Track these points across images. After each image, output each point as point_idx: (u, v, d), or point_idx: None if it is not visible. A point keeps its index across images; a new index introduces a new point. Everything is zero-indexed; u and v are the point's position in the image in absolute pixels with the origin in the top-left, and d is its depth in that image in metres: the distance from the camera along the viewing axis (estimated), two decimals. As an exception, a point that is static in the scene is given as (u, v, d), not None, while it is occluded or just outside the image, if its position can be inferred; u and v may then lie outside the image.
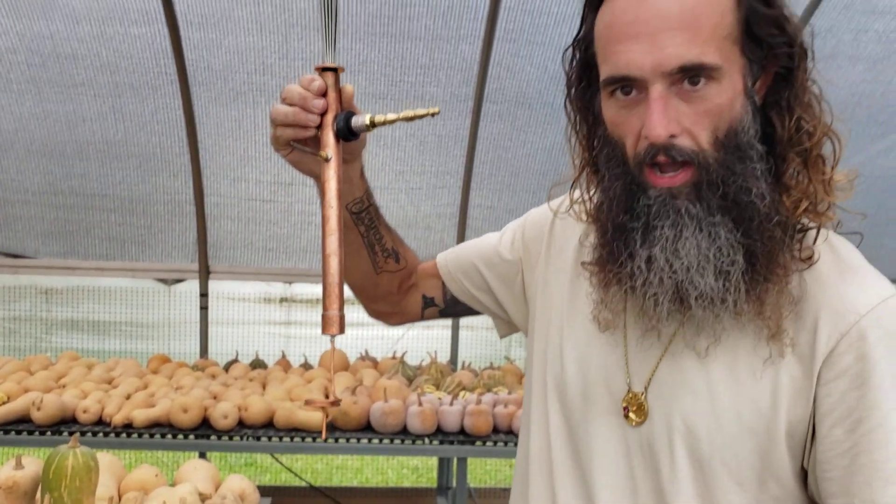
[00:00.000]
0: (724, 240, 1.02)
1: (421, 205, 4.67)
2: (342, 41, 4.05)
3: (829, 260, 1.08)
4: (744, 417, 1.06)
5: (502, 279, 1.38)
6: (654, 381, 1.12)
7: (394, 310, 1.48)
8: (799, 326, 1.05)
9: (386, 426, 3.36)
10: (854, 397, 1.01)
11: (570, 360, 1.21)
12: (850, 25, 3.94)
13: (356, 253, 1.36)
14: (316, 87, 1.14)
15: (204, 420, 3.34)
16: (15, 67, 4.14)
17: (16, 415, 3.27)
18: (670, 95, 1.01)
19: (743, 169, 1.02)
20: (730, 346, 1.08)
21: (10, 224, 4.60)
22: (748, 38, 1.03)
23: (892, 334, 1.02)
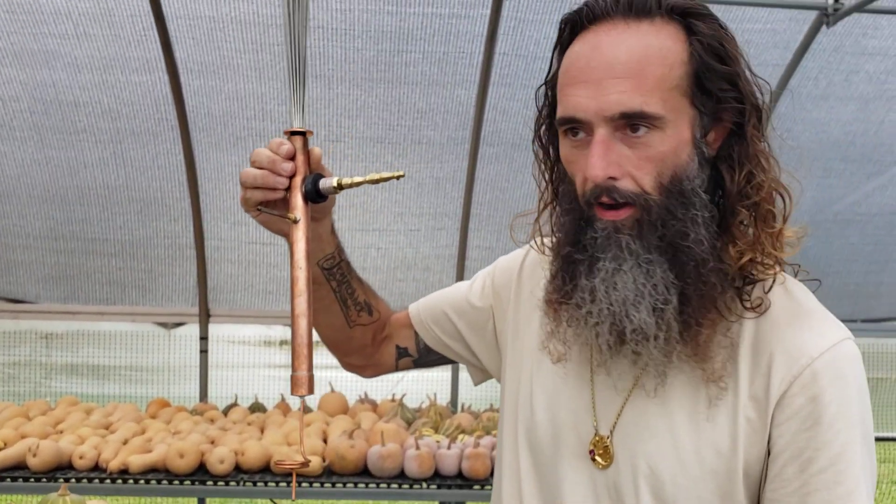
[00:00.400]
0: (660, 278, 1.05)
1: (420, 246, 4.69)
2: (341, 87, 4.11)
3: (785, 305, 1.11)
4: (706, 460, 1.09)
5: (473, 327, 1.40)
6: (619, 424, 1.15)
7: (368, 362, 1.50)
8: (755, 371, 1.09)
9: (383, 470, 3.35)
10: (805, 438, 1.05)
11: (540, 404, 1.23)
12: (841, 67, 3.99)
13: (328, 308, 1.38)
14: (284, 150, 1.17)
15: (200, 465, 3.34)
16: (18, 115, 4.20)
17: (12, 461, 3.27)
18: (613, 140, 1.05)
19: (684, 214, 1.05)
20: (690, 391, 1.11)
21: (11, 269, 4.63)
22: (699, 91, 1.06)
23: (842, 377, 1.05)
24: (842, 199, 4.60)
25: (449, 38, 3.88)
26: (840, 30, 3.78)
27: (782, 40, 3.87)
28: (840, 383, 1.05)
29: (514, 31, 3.85)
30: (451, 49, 3.94)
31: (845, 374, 1.06)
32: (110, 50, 3.95)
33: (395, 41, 3.89)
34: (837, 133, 4.30)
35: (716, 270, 1.06)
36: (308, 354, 1.15)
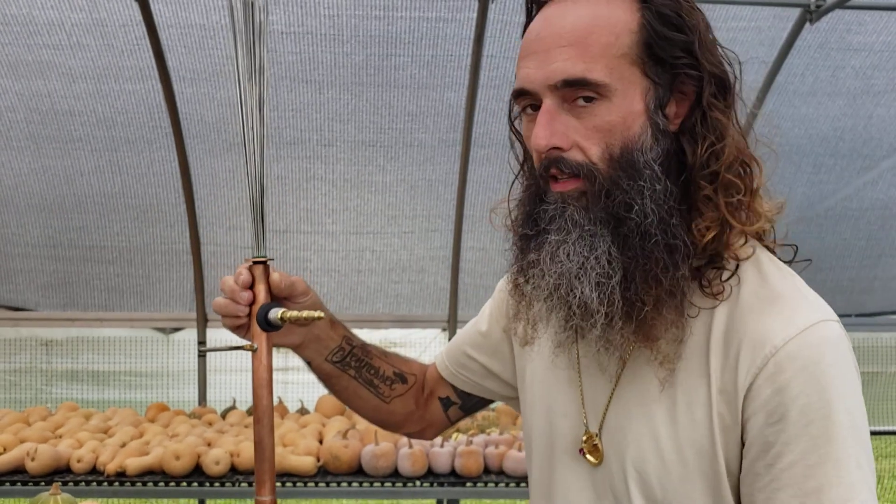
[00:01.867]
0: (603, 251, 1.02)
1: (414, 248, 4.73)
2: (331, 91, 4.16)
3: (755, 290, 1.06)
4: (688, 460, 1.06)
5: (492, 355, 1.38)
6: (606, 422, 1.14)
7: (422, 425, 1.49)
8: (724, 364, 1.04)
9: (377, 469, 3.38)
10: (772, 432, 1.00)
11: (538, 408, 1.24)
12: (827, 63, 4.02)
13: (356, 394, 1.40)
14: (241, 281, 1.20)
15: (197, 467, 3.37)
16: (14, 125, 4.26)
17: (10, 465, 3.31)
18: (560, 110, 1.04)
19: (630, 186, 1.02)
20: (668, 391, 1.07)
21: (11, 277, 4.69)
22: (651, 60, 1.03)
23: (811, 365, 0.99)
24: (833, 195, 4.62)
25: (437, 42, 3.92)
26: (824, 26, 3.81)
27: (767, 38, 3.90)
28: (808, 372, 0.98)
29: (500, 33, 3.89)
30: (440, 52, 3.98)
31: (816, 360, 0.99)
32: (104, 59, 4.01)
33: (384, 45, 3.93)
34: (826, 129, 4.33)
35: (665, 247, 1.02)
36: (271, 479, 1.18)
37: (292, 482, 3.37)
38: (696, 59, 1.04)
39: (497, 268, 4.86)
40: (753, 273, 1.07)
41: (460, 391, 1.44)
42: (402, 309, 4.91)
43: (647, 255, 1.02)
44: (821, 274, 4.88)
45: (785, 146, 4.42)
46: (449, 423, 1.48)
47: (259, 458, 1.18)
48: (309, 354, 1.35)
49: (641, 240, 1.02)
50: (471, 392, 1.43)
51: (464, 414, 1.47)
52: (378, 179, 4.49)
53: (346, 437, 3.53)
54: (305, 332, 1.30)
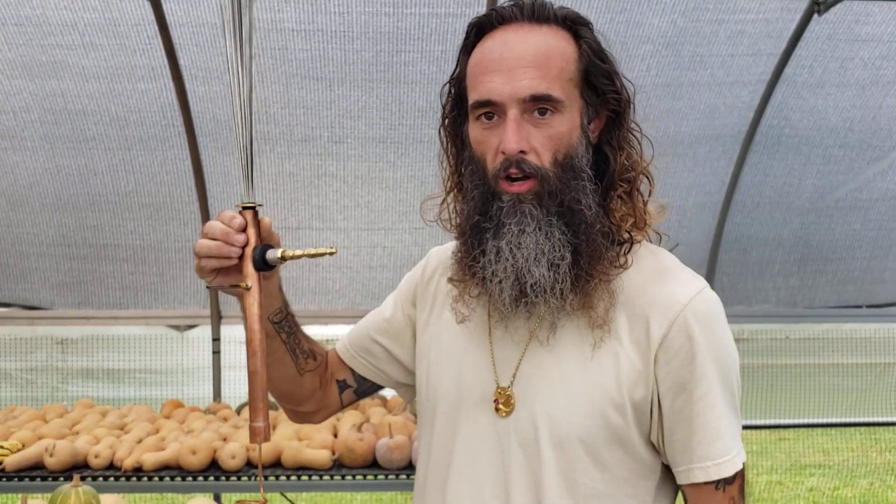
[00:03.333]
0: (557, 239, 1.25)
1: (425, 244, 4.76)
2: (342, 88, 4.18)
3: (651, 264, 1.33)
4: (595, 400, 1.27)
5: (395, 338, 1.54)
6: (518, 375, 1.32)
7: (319, 406, 1.59)
8: (632, 319, 1.28)
9: (392, 462, 3.41)
10: (687, 372, 1.26)
11: (446, 374, 1.39)
12: (836, 54, 4.02)
13: (281, 360, 1.47)
14: (237, 223, 1.29)
15: (213, 461, 3.41)
16: (29, 125, 4.30)
17: (29, 461, 3.35)
18: (523, 120, 1.26)
19: (576, 185, 1.26)
20: (577, 339, 1.29)
21: (26, 276, 4.73)
22: (586, 85, 1.29)
23: (707, 319, 1.27)
24: (843, 186, 4.63)
25: (446, 37, 3.94)
26: (832, 18, 3.81)
27: (775, 30, 3.91)
28: (704, 324, 1.26)
29: (510, 29, 3.91)
30: (449, 48, 4.00)
31: (709, 315, 1.28)
32: (116, 59, 4.04)
33: (394, 42, 3.96)
34: (835, 120, 4.33)
35: (602, 231, 1.28)
36: (264, 407, 1.28)
37: (308, 475, 3.40)
38: (616, 87, 1.31)
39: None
40: (645, 251, 1.35)
41: (357, 375, 1.58)
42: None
43: (592, 238, 1.26)
44: (831, 265, 4.89)
45: (794, 138, 4.43)
46: (341, 406, 1.62)
47: (253, 388, 1.28)
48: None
49: (587, 228, 1.26)
50: (368, 377, 1.58)
51: (356, 398, 1.62)
52: (389, 176, 4.52)
53: (360, 430, 3.56)
54: (263, 285, 1.36)
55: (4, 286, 4.79)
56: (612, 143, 1.32)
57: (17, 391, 4.90)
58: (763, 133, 4.35)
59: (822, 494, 7.26)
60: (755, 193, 4.64)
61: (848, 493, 7.31)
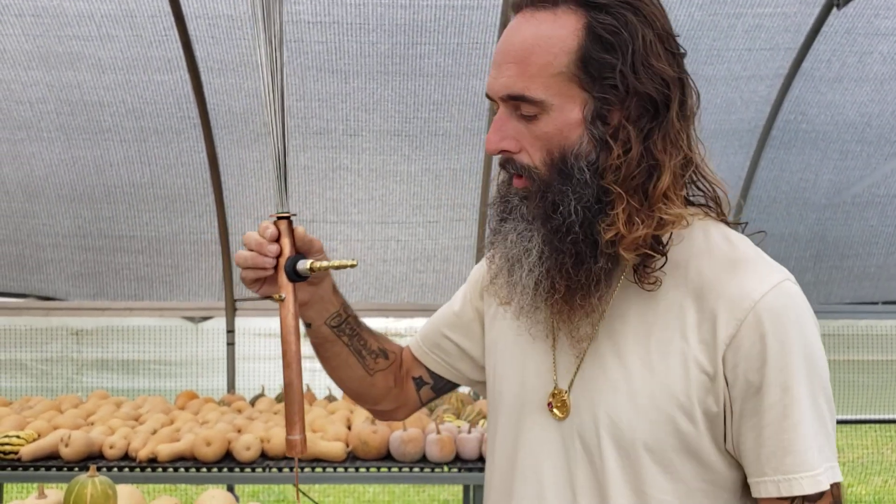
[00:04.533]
0: (535, 244, 1.17)
1: (439, 238, 4.76)
2: (357, 80, 4.18)
3: (727, 254, 1.19)
4: (661, 404, 1.16)
5: (466, 334, 1.48)
6: (578, 378, 1.24)
7: (397, 404, 1.56)
8: (701, 316, 1.16)
9: (405, 455, 3.42)
10: (757, 376, 1.13)
11: (509, 372, 1.33)
12: (854, 48, 3.99)
13: (346, 362, 1.46)
14: (269, 234, 1.28)
15: (227, 453, 3.42)
16: (45, 116, 4.31)
17: (45, 451, 3.37)
18: (512, 117, 1.19)
19: (561, 189, 1.15)
20: (642, 340, 1.19)
21: (42, 267, 4.76)
22: (588, 76, 1.14)
23: (783, 315, 1.13)
24: (860, 182, 4.60)
25: (462, 30, 3.93)
26: (851, 11, 3.78)
27: (793, 24, 3.88)
28: (778, 322, 1.12)
29: (526, 21, 3.89)
30: (465, 40, 3.99)
31: (786, 312, 1.13)
32: (132, 50, 4.05)
33: (409, 34, 3.95)
34: (853, 115, 4.30)
35: (585, 241, 1.15)
36: (300, 420, 1.27)
37: (322, 468, 3.40)
38: (625, 80, 1.13)
39: (522, 256, 4.87)
40: (720, 238, 1.21)
41: (432, 372, 1.52)
42: (426, 298, 4.94)
43: (567, 249, 1.16)
44: (847, 261, 4.86)
45: (811, 133, 4.40)
46: (420, 403, 1.56)
47: (289, 401, 1.27)
48: (311, 315, 1.41)
49: (565, 235, 1.15)
50: (442, 374, 1.52)
51: (434, 395, 1.56)
52: (403, 169, 4.51)
53: (374, 422, 3.57)
54: (313, 291, 1.37)
55: (20, 277, 4.81)
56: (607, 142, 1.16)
57: (32, 381, 4.93)
58: (780, 128, 4.33)
59: (835, 491, 7.22)
60: (771, 189, 4.61)
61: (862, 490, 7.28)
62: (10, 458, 3.37)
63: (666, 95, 1.15)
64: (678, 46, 1.19)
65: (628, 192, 1.14)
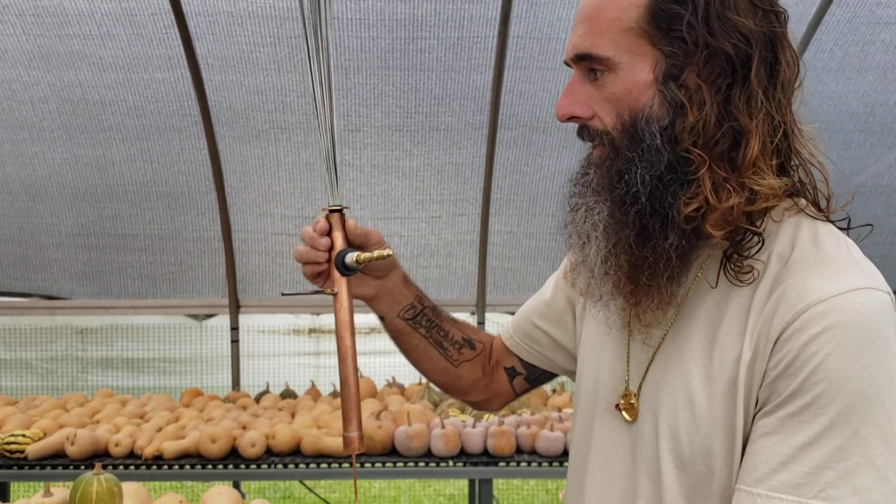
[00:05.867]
0: (602, 216, 1.08)
1: (442, 233, 4.75)
2: (357, 76, 4.17)
3: (806, 255, 1.04)
4: (718, 415, 1.05)
5: (557, 323, 1.40)
6: (646, 380, 1.15)
7: (488, 394, 1.51)
8: (761, 320, 1.02)
9: (410, 449, 3.42)
10: (784, 384, 0.98)
11: (588, 368, 1.27)
12: (857, 37, 3.97)
13: (426, 354, 1.43)
14: (319, 227, 1.28)
15: (233, 449, 3.42)
16: (47, 116, 4.32)
17: (51, 450, 3.38)
18: (584, 81, 1.10)
19: (628, 156, 1.05)
20: (706, 346, 1.07)
21: (46, 266, 4.76)
22: (660, 32, 1.04)
23: (833, 327, 0.96)
24: (864, 172, 4.58)
25: (462, 24, 3.93)
26: (853, 1, 3.77)
27: (795, 13, 3.86)
28: (833, 333, 0.96)
29: (526, 13, 3.89)
30: (466, 34, 3.99)
31: (845, 324, 0.96)
32: (133, 49, 4.05)
33: (410, 29, 3.94)
34: (856, 104, 4.29)
35: (652, 214, 1.04)
36: (357, 416, 1.23)
37: (327, 463, 3.41)
38: (696, 34, 1.03)
39: (525, 251, 4.86)
40: (807, 237, 1.06)
41: (525, 362, 1.46)
42: (430, 293, 4.84)
43: (631, 221, 1.05)
44: (852, 252, 4.84)
45: (814, 123, 4.38)
46: (514, 394, 1.50)
47: (345, 396, 1.23)
48: (382, 308, 1.39)
49: (630, 206, 1.05)
50: (535, 364, 1.45)
51: (529, 386, 1.48)
52: (405, 164, 4.51)
53: (379, 418, 3.57)
54: (379, 284, 1.35)
55: (24, 276, 4.82)
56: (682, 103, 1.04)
57: (37, 380, 4.94)
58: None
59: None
60: (775, 180, 4.59)
61: (868, 481, 7.27)
62: (16, 457, 3.37)
63: (746, 53, 1.03)
64: (773, 3, 1.06)
65: (712, 157, 1.02)
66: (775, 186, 1.03)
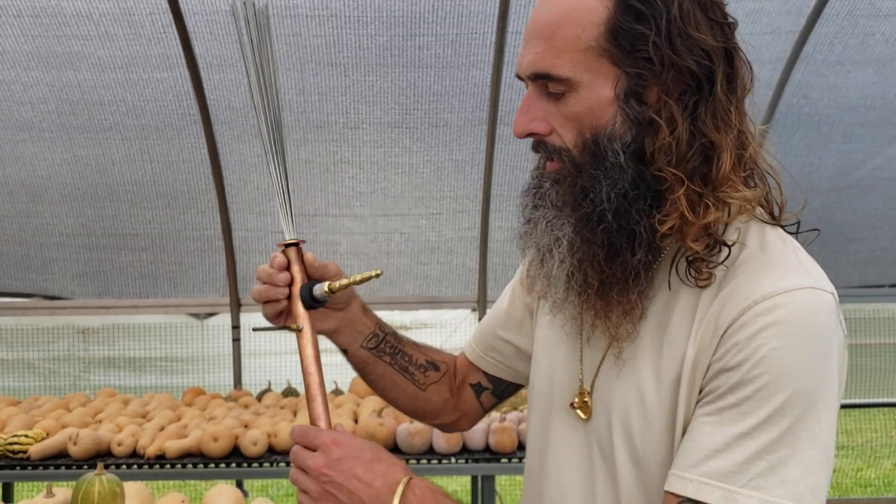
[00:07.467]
0: (564, 233, 1.08)
1: (442, 230, 4.75)
2: (356, 73, 4.17)
3: (753, 256, 1.06)
4: (667, 412, 1.06)
5: (518, 331, 1.40)
6: (598, 378, 1.16)
7: (457, 414, 1.49)
8: (706, 317, 1.04)
9: (412, 446, 3.42)
10: (726, 376, 1.00)
11: (541, 368, 1.27)
12: (856, 30, 3.97)
13: (393, 382, 1.41)
14: (277, 263, 1.22)
15: (235, 448, 3.43)
16: (46, 116, 4.32)
17: (54, 450, 3.38)
18: (541, 97, 1.08)
19: (592, 172, 1.05)
20: (656, 347, 1.09)
21: (47, 267, 4.77)
22: (621, 51, 1.04)
23: (778, 324, 0.98)
24: (864, 165, 4.58)
25: (461, 20, 3.92)
26: (852, -8, 3.77)
27: (794, 7, 3.86)
28: (777, 329, 0.97)
29: (525, 9, 3.88)
30: (464, 30, 3.98)
31: (788, 321, 0.98)
32: (131, 49, 4.05)
33: (408, 26, 3.94)
34: (856, 97, 4.28)
35: (620, 232, 1.05)
36: None
37: (329, 461, 3.40)
38: (660, 52, 1.03)
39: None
40: (755, 241, 1.07)
41: (491, 376, 1.45)
42: (431, 290, 4.94)
43: (599, 239, 1.06)
44: (853, 245, 4.84)
45: (814, 116, 4.38)
46: (482, 410, 1.49)
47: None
48: (345, 340, 1.36)
49: (596, 224, 1.05)
50: (500, 376, 1.45)
51: (496, 400, 1.48)
52: (405, 161, 4.51)
53: (380, 415, 3.57)
54: (341, 316, 1.32)
55: (26, 277, 4.83)
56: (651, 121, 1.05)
57: (39, 381, 4.95)
58: (783, 112, 4.31)
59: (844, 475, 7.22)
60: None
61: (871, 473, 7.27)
62: (19, 458, 3.38)
63: (709, 68, 1.04)
64: (725, 15, 1.07)
65: (686, 175, 1.02)
66: (749, 198, 1.05)
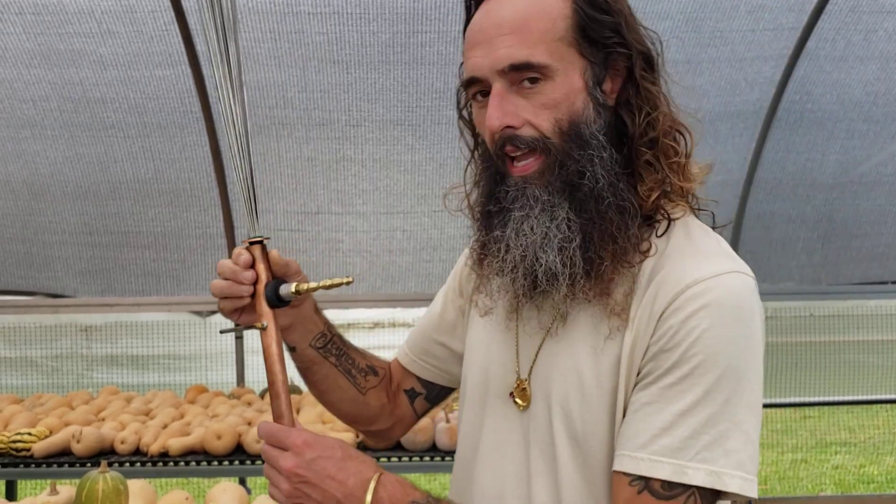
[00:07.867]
0: (563, 218, 1.12)
1: (445, 227, 4.75)
2: (359, 70, 4.16)
3: (680, 245, 1.15)
4: (605, 392, 1.13)
5: (451, 334, 1.44)
6: (536, 365, 1.21)
7: (393, 420, 1.51)
8: (641, 303, 1.12)
9: (415, 444, 3.42)
10: (664, 357, 1.07)
11: (475, 363, 1.31)
12: (859, 26, 3.96)
13: (336, 383, 1.42)
14: (242, 260, 1.23)
15: (238, 446, 3.43)
16: (48, 114, 4.31)
17: (57, 447, 3.39)
18: (509, 93, 1.13)
19: (581, 155, 1.12)
20: (591, 327, 1.16)
21: (49, 264, 4.77)
22: (585, 41, 1.14)
23: (709, 305, 1.06)
24: (867, 161, 4.57)
25: (463, 17, 3.91)
26: (855, -11, 3.76)
27: (797, 3, 3.85)
28: (709, 311, 1.06)
29: (527, 6, 3.87)
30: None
31: (719, 302, 1.06)
32: (133, 46, 4.04)
33: (410, 22, 3.93)
34: (859, 94, 4.27)
35: (616, 207, 1.12)
36: None
37: (332, 459, 3.40)
38: (625, 39, 1.14)
39: (528, 243, 4.86)
40: (681, 232, 1.17)
41: (424, 381, 1.49)
42: (433, 288, 4.90)
43: (602, 216, 1.12)
44: (856, 241, 4.84)
45: (817, 113, 4.38)
46: (416, 416, 1.52)
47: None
48: (295, 338, 1.36)
49: (596, 203, 1.12)
50: (433, 381, 1.48)
51: (430, 405, 1.51)
52: (407, 159, 4.50)
53: (383, 413, 3.57)
54: (295, 313, 1.33)
55: (28, 275, 4.83)
56: (630, 102, 1.16)
57: (42, 378, 4.95)
58: (785, 108, 4.30)
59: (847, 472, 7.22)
60: (777, 170, 4.59)
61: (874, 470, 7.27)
62: (22, 456, 3.38)
63: (653, 53, 1.17)
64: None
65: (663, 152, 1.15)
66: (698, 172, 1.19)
